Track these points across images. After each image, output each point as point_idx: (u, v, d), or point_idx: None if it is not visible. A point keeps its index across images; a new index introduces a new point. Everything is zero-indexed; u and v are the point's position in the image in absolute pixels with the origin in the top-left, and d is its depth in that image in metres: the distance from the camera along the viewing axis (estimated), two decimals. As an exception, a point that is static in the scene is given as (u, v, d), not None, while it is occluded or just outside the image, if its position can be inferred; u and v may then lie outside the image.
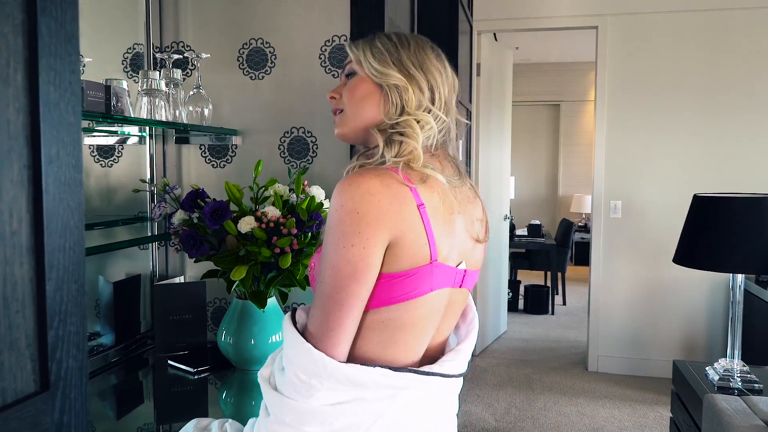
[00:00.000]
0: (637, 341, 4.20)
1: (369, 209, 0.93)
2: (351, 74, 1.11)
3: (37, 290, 0.55)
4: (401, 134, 1.04)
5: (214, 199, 1.60)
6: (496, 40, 4.98)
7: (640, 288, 4.18)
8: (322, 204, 1.64)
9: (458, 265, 1.05)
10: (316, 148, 1.95)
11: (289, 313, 1.05)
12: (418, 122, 1.05)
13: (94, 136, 1.92)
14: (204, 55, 1.88)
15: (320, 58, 1.93)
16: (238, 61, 1.99)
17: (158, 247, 2.05)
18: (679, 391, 2.53)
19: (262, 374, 1.05)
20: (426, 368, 1.02)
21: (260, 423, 1.03)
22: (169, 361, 1.81)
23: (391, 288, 0.96)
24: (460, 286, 1.07)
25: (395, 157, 1.02)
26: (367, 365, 0.96)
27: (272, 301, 1.72)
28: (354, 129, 1.10)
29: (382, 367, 0.96)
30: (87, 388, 0.61)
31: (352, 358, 0.99)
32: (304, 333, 0.99)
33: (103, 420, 1.59)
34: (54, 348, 0.57)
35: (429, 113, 1.07)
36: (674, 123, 4.04)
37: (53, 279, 0.56)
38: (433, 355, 1.09)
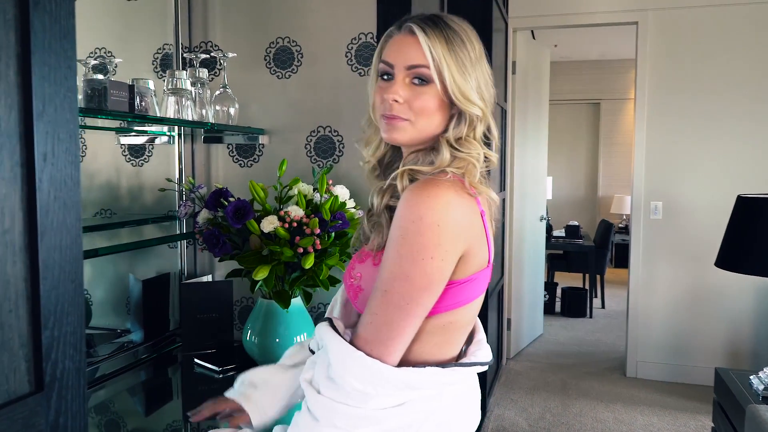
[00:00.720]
0: (678, 347, 4.06)
1: (449, 222, 0.93)
2: (423, 80, 1.01)
3: (32, 290, 0.54)
4: (465, 153, 1.03)
5: (238, 198, 1.59)
6: (533, 38, 4.89)
7: (681, 292, 4.04)
8: (345, 204, 1.63)
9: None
10: (343, 147, 1.94)
11: (326, 324, 1.03)
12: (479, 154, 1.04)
13: (126, 135, 1.94)
14: (231, 55, 1.88)
15: (347, 56, 1.91)
16: (265, 60, 1.99)
17: (187, 246, 2.06)
18: (721, 401, 2.43)
19: (305, 377, 1.03)
20: (467, 360, 1.04)
21: (306, 427, 0.99)
22: (196, 360, 1.81)
23: (456, 294, 0.98)
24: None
25: (455, 168, 1.01)
26: (419, 366, 0.96)
27: (297, 301, 1.71)
28: (413, 140, 1.05)
29: (429, 363, 0.98)
30: (85, 390, 0.60)
31: (406, 360, 0.99)
32: (352, 341, 0.98)
33: (132, 416, 1.61)
34: (49, 348, 0.56)
35: (489, 146, 1.06)
36: (718, 122, 3.90)
37: (48, 278, 0.56)
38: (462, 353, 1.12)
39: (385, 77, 1.04)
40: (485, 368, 1.06)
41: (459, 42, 1.00)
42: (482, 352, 1.08)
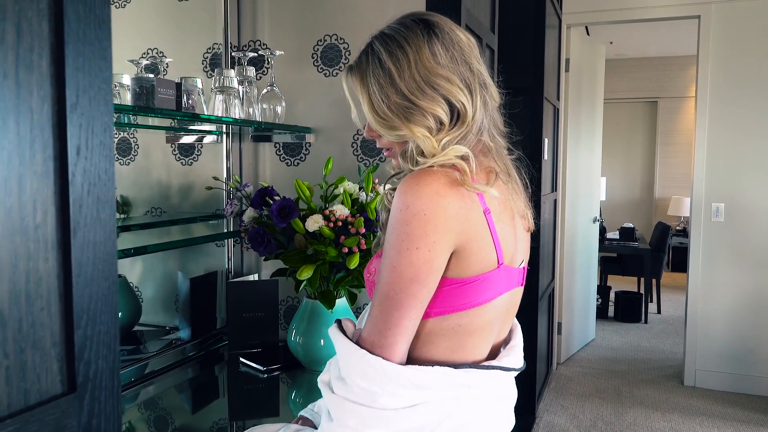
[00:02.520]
0: (741, 355, 3.87)
1: (437, 212, 0.89)
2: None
3: (64, 287, 0.53)
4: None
5: (283, 197, 1.58)
6: (588, 34, 4.75)
7: (745, 298, 3.85)
8: (392, 203, 1.59)
9: (521, 263, 1.04)
10: (390, 146, 1.91)
11: (335, 324, 1.02)
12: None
13: (174, 134, 1.96)
14: (278, 53, 1.87)
15: (395, 53, 1.87)
16: (313, 57, 1.97)
17: (234, 245, 2.07)
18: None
19: (322, 379, 1.03)
20: (485, 363, 1.00)
21: (323, 427, 1.01)
22: (241, 359, 1.81)
23: (460, 294, 0.94)
24: (521, 284, 1.06)
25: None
26: (427, 365, 0.94)
27: (342, 302, 1.69)
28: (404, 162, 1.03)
29: (441, 365, 0.94)
30: (119, 391, 0.59)
31: (416, 362, 0.96)
32: (357, 340, 0.97)
33: (180, 413, 1.62)
34: (82, 348, 0.54)
35: (460, 129, 0.97)
36: (787, 119, 3.69)
37: (81, 275, 0.54)
38: (491, 357, 1.06)
39: None
40: (511, 374, 1.02)
41: (374, 64, 0.99)
42: (510, 357, 1.04)
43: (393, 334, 0.92)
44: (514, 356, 1.05)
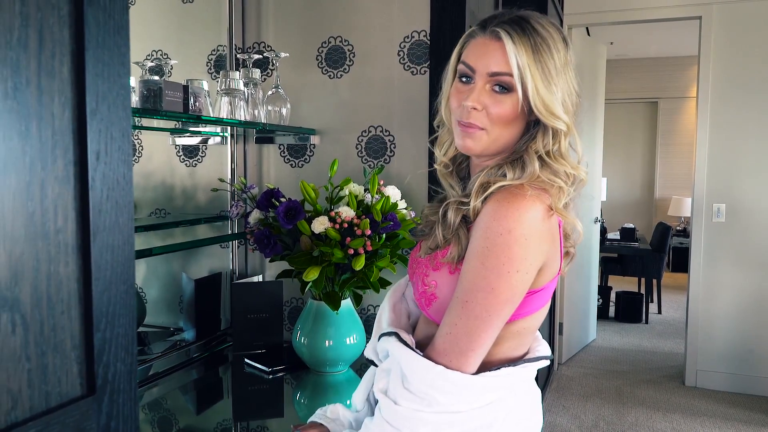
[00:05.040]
0: (743, 356, 3.88)
1: (536, 236, 0.93)
2: (504, 88, 0.97)
3: (84, 291, 0.54)
4: (554, 169, 1.00)
5: (289, 199, 1.59)
6: (588, 34, 4.76)
7: (746, 298, 3.85)
8: (396, 204, 1.60)
9: None
10: (394, 147, 1.91)
11: (392, 337, 1.02)
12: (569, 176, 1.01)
13: (180, 136, 1.97)
14: (283, 55, 1.88)
15: (399, 55, 1.88)
16: (317, 59, 1.98)
17: (238, 246, 2.07)
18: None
19: (379, 387, 1.02)
20: (533, 355, 1.05)
21: None
22: (246, 360, 1.82)
23: (532, 302, 0.99)
24: None
25: (539, 182, 0.98)
26: (493, 369, 0.98)
27: (347, 303, 1.69)
28: (487, 149, 1.01)
29: (504, 363, 1.00)
30: (136, 393, 0.59)
31: (483, 364, 0.99)
32: (428, 353, 0.98)
33: (184, 414, 1.62)
34: (101, 351, 0.55)
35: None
36: (788, 120, 3.70)
37: (101, 279, 0.55)
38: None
39: (464, 79, 1.00)
40: (548, 362, 1.08)
41: (546, 49, 0.95)
42: (542, 347, 1.09)
43: (475, 353, 0.95)
44: (544, 345, 1.10)
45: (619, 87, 7.65)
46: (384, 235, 1.56)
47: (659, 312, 5.89)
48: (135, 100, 1.38)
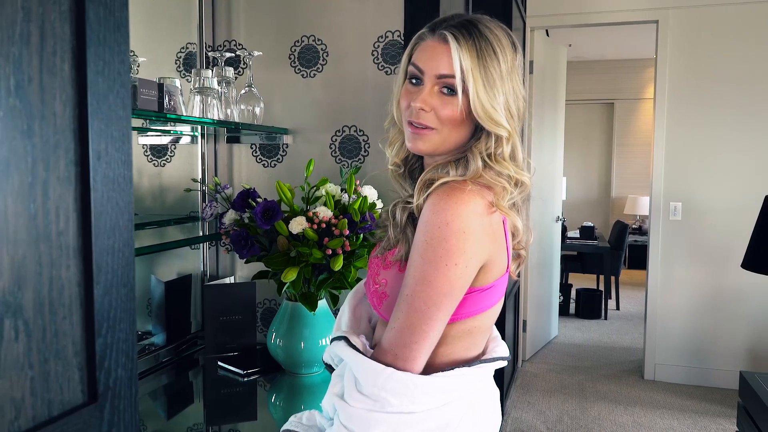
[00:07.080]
0: (699, 349, 4.01)
1: (476, 230, 0.93)
2: (452, 90, 0.98)
3: (85, 295, 0.52)
4: (496, 171, 1.01)
5: (265, 199, 1.57)
6: (548, 36, 4.84)
7: (702, 294, 3.99)
8: (374, 204, 1.60)
9: None
10: (368, 147, 1.91)
11: (342, 342, 1.02)
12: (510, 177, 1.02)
13: (147, 135, 1.92)
14: (256, 53, 1.86)
15: (373, 55, 1.88)
16: (290, 58, 1.96)
17: (209, 248, 2.04)
18: (747, 404, 2.38)
19: (334, 392, 1.03)
20: (489, 356, 1.06)
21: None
22: (219, 362, 1.79)
23: (480, 300, 1.00)
24: None
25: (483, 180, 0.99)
26: (447, 369, 0.98)
27: (323, 304, 1.69)
28: (437, 149, 1.03)
29: (458, 364, 1.00)
30: (137, 399, 0.58)
31: (434, 363, 1.00)
32: (375, 353, 0.99)
33: (153, 419, 1.59)
34: (102, 356, 0.53)
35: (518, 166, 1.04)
36: (740, 122, 3.84)
37: (101, 283, 0.53)
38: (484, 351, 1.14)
39: (414, 81, 1.02)
40: (505, 363, 1.09)
41: (490, 54, 0.97)
42: (500, 347, 1.10)
43: (419, 347, 0.95)
44: (502, 345, 1.11)
45: (577, 88, 7.81)
46: (362, 235, 1.56)
47: (618, 308, 6.04)
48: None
